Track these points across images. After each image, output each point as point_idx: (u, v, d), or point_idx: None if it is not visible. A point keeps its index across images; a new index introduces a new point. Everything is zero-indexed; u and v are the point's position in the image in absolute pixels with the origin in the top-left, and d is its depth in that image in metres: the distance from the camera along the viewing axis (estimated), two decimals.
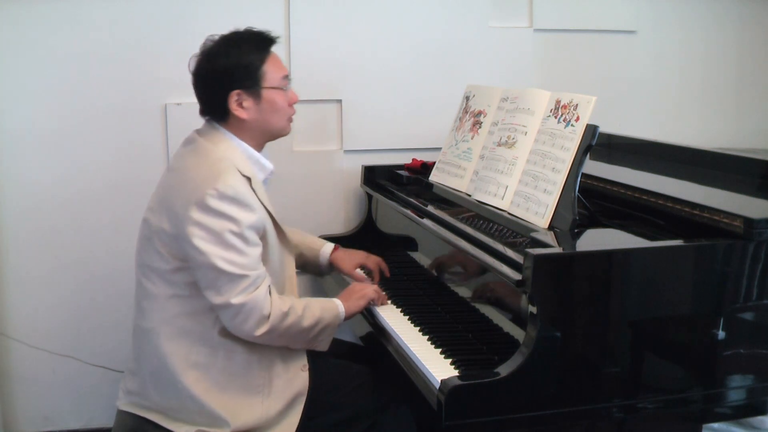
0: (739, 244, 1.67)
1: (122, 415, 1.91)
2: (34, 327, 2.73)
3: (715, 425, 2.32)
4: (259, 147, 1.94)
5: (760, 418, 2.27)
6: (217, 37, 1.89)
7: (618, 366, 1.64)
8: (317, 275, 2.41)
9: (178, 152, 1.93)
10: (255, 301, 1.76)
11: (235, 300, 1.74)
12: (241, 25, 2.69)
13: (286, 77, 1.93)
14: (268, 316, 1.78)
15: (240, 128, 1.89)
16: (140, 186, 2.70)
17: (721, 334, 1.68)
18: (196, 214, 1.73)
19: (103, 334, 2.75)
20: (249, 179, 1.83)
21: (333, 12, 2.79)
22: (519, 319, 1.68)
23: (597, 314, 1.62)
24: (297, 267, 2.25)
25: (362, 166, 2.79)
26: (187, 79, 2.70)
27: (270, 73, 1.89)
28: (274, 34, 1.92)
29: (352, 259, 2.28)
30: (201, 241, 1.73)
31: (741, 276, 1.68)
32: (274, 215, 1.90)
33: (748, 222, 1.64)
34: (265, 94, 1.88)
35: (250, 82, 1.86)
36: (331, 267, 2.30)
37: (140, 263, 1.89)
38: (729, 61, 3.28)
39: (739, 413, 1.82)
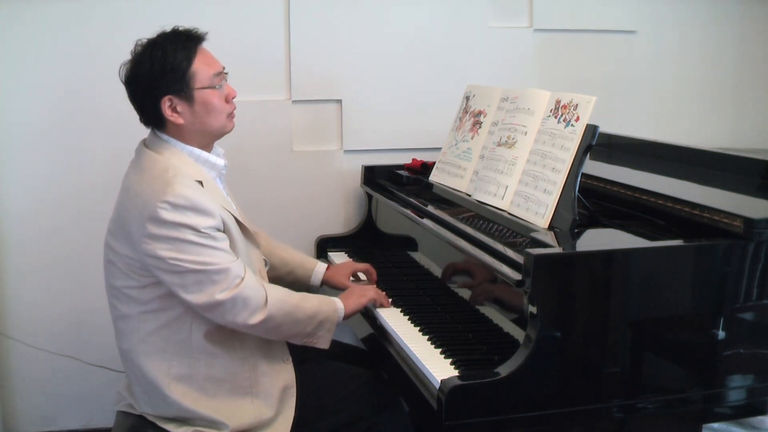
0: (739, 244, 1.66)
1: (121, 415, 1.91)
2: (34, 327, 2.73)
3: (715, 425, 2.31)
4: (206, 147, 1.88)
5: (760, 418, 2.27)
6: (144, 41, 1.84)
7: (618, 366, 1.64)
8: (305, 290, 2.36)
9: (128, 167, 1.89)
10: (244, 292, 1.74)
11: (221, 296, 1.71)
12: (242, 25, 2.72)
13: (220, 74, 1.86)
14: (264, 304, 1.77)
15: (180, 133, 1.84)
16: None
17: (721, 334, 1.68)
18: (153, 229, 1.69)
19: (103, 334, 2.73)
20: (200, 182, 1.79)
21: (333, 12, 2.79)
22: (519, 319, 1.68)
23: (597, 314, 1.62)
24: (286, 284, 2.25)
25: (362, 166, 2.79)
26: None
27: (200, 72, 1.81)
28: (201, 30, 1.86)
29: (342, 271, 2.26)
30: (164, 252, 1.69)
31: (741, 276, 1.68)
32: (233, 212, 1.86)
33: (748, 222, 1.64)
34: (198, 95, 1.81)
35: (179, 85, 1.79)
36: (322, 284, 2.28)
37: (109, 285, 1.86)
38: (728, 61, 3.28)
39: (739, 413, 1.82)
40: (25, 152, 2.64)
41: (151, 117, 1.84)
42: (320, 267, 2.27)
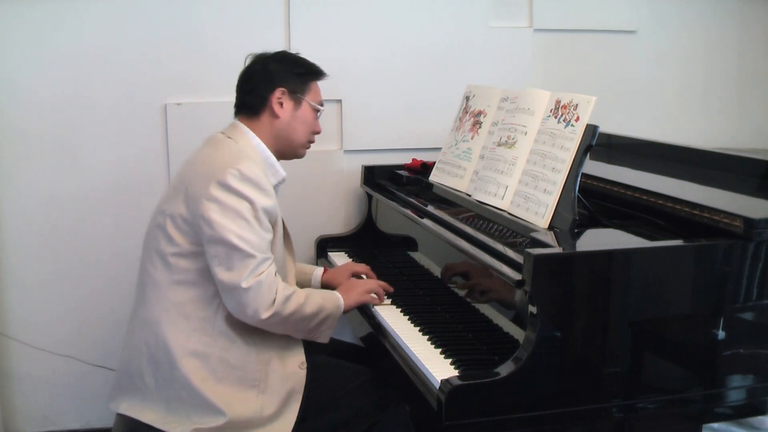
0: (739, 244, 1.66)
1: (120, 418, 1.91)
2: (34, 327, 2.73)
3: (715, 425, 2.31)
4: (276, 154, 2.01)
5: (760, 418, 2.26)
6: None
7: (618, 366, 1.64)
8: None
9: (196, 148, 1.99)
10: (262, 284, 1.77)
11: (245, 283, 1.76)
12: (242, 25, 2.72)
13: (322, 106, 2.08)
14: (274, 300, 1.80)
15: (268, 128, 1.99)
16: (140, 186, 2.71)
17: (721, 334, 1.68)
18: (215, 191, 1.78)
19: (103, 334, 2.75)
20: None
21: (333, 12, 2.79)
22: (519, 319, 1.68)
23: (597, 314, 1.62)
24: None
25: (362, 166, 2.80)
26: (188, 79, 2.73)
27: (315, 92, 2.06)
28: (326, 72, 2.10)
29: (342, 272, 2.28)
30: (216, 215, 1.77)
31: (741, 276, 1.68)
32: (282, 217, 1.94)
33: (748, 222, 1.64)
34: (304, 105, 2.02)
35: (299, 86, 2.01)
36: (322, 287, 2.31)
37: (147, 249, 1.92)
38: (729, 61, 3.28)
39: (739, 413, 1.82)
40: (25, 153, 2.64)
41: (254, 101, 1.99)
42: (318, 271, 2.31)
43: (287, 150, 2.04)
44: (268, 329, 1.85)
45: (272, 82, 1.98)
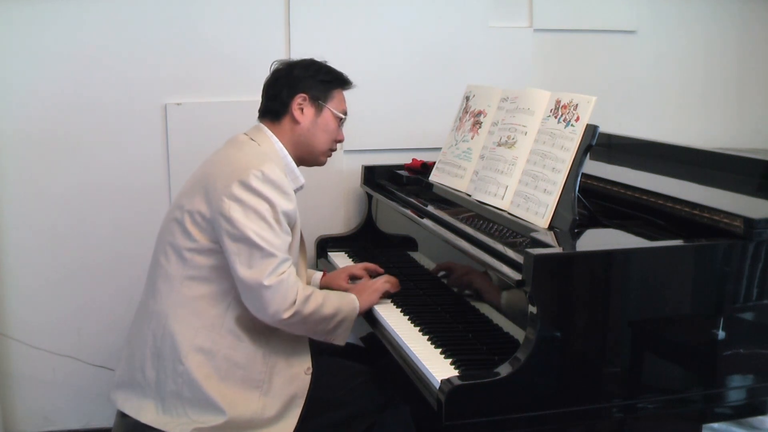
0: (739, 244, 1.66)
1: (121, 418, 1.91)
2: (34, 327, 2.73)
3: (715, 425, 2.31)
4: (296, 160, 2.04)
5: (760, 418, 2.26)
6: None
7: (618, 366, 1.64)
8: None
9: (219, 148, 2.01)
10: (283, 284, 1.78)
11: (267, 281, 1.76)
12: (242, 25, 2.72)
13: (346, 115, 2.08)
14: (295, 301, 1.81)
15: (289, 133, 2.00)
16: (140, 185, 2.71)
17: (721, 334, 1.68)
18: (237, 191, 1.79)
19: (103, 334, 2.75)
20: None
21: (333, 12, 2.79)
22: (519, 319, 1.68)
23: (597, 314, 1.62)
24: None
25: (362, 166, 2.80)
26: (188, 79, 2.73)
27: (338, 100, 2.06)
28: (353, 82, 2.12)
29: (340, 275, 2.29)
30: (237, 214, 1.78)
31: (741, 276, 1.68)
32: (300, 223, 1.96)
33: (748, 222, 1.64)
34: (326, 112, 2.03)
35: (320, 93, 2.02)
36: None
37: (161, 242, 1.92)
38: (729, 61, 3.28)
39: (739, 413, 1.82)
40: (25, 154, 2.64)
41: (276, 105, 2.01)
42: (316, 276, 2.31)
43: (307, 156, 2.06)
44: (288, 329, 1.86)
45: (295, 87, 2.00)
